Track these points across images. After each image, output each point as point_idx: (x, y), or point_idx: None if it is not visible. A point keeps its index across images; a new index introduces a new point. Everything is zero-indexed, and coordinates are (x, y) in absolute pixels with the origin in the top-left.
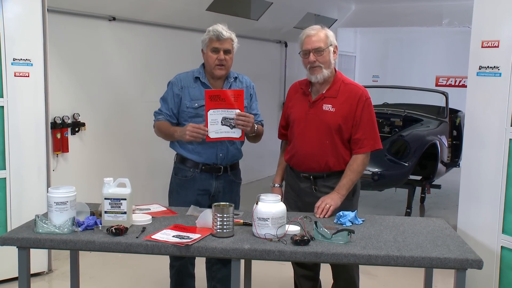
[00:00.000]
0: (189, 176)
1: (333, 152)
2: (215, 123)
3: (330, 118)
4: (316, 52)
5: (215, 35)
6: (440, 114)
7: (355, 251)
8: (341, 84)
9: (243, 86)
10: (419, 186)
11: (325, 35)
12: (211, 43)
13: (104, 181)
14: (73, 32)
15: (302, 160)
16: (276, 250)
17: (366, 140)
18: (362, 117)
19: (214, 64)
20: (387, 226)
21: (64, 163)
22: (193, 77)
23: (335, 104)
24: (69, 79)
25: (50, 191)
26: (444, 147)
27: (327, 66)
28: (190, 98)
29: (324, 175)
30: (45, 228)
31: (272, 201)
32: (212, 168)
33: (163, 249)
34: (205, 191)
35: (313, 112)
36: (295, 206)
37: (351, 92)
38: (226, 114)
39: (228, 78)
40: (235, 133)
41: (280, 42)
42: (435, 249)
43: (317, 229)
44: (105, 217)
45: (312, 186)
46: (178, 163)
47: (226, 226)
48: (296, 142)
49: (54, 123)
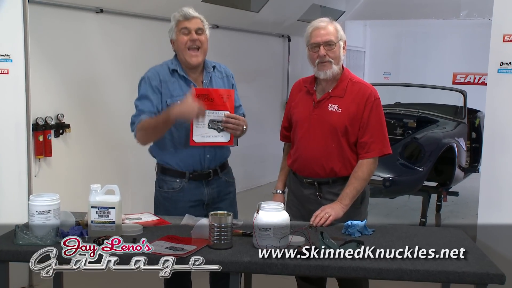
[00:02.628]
0: (177, 188)
1: (339, 156)
2: (201, 125)
3: (336, 119)
4: (326, 46)
5: (182, 16)
6: (457, 115)
7: (365, 264)
8: (348, 83)
9: (223, 75)
10: (435, 193)
11: (335, 28)
12: (179, 24)
13: (91, 188)
14: (57, 25)
15: (305, 165)
16: (278, 263)
17: (374, 144)
18: (370, 119)
19: (185, 48)
20: (400, 236)
21: (47, 168)
22: (170, 70)
23: (341, 104)
24: (53, 77)
25: (32, 199)
26: (462, 150)
27: (337, 62)
28: (171, 94)
29: (330, 180)
30: (26, 240)
31: (274, 209)
32: (201, 174)
33: (155, 262)
34: (198, 201)
35: (317, 112)
36: (299, 215)
37: (359, 91)
38: (213, 116)
39: (206, 68)
40: (223, 137)
41: (283, 36)
42: (452, 262)
43: (323, 240)
44: (92, 227)
45: (317, 193)
46: (161, 174)
47: (224, 237)
48: (299, 145)
49: (36, 124)
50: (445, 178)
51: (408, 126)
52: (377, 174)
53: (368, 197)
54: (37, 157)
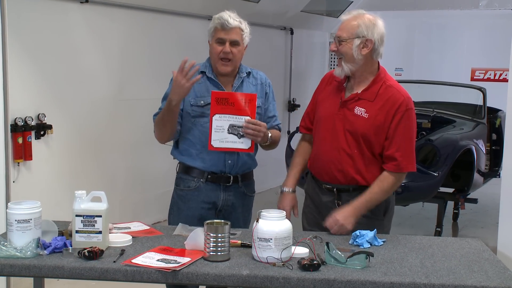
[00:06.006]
0: (193, 186)
1: (362, 163)
2: (220, 130)
3: (361, 125)
4: (337, 41)
5: (219, 24)
6: (476, 114)
7: (375, 278)
8: (381, 86)
9: (258, 83)
10: (452, 200)
11: (356, 24)
12: (216, 33)
13: (75, 195)
14: (38, 17)
15: (325, 169)
16: (280, 277)
17: (400, 159)
18: (397, 131)
19: (217, 58)
20: (413, 248)
21: (26, 173)
22: (198, 72)
23: (369, 110)
24: (33, 73)
25: (10, 206)
26: (481, 153)
27: (347, 60)
28: (194, 95)
29: (350, 188)
30: (3, 252)
31: (275, 218)
32: (220, 177)
33: (145, 276)
34: (211, 204)
35: (342, 113)
36: (314, 223)
37: (391, 97)
38: (234, 121)
39: (239, 73)
40: (243, 143)
41: (285, 29)
42: (470, 275)
43: (329, 252)
44: (76, 237)
45: (335, 201)
46: (181, 173)
47: (221, 248)
48: (319, 146)
49: (14, 125)
50: (463, 183)
51: (422, 126)
52: None
53: (393, 208)
54: (16, 161)
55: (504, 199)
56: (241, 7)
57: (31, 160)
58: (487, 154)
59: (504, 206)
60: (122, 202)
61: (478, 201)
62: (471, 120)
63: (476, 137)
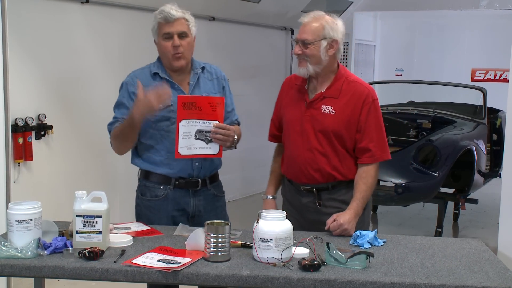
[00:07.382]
0: (161, 195)
1: (337, 160)
2: (187, 136)
3: (330, 122)
4: (302, 44)
5: (162, 18)
6: (476, 115)
7: (375, 278)
8: (344, 82)
9: (213, 77)
10: (452, 200)
11: (321, 26)
12: (160, 28)
13: (76, 195)
14: (38, 17)
15: (301, 171)
16: (280, 277)
17: (375, 149)
18: (367, 123)
19: (170, 54)
20: (413, 248)
21: (27, 173)
22: (151, 74)
23: (336, 106)
24: (34, 73)
25: (11, 207)
26: (481, 153)
27: (314, 61)
28: None
29: (329, 186)
30: (4, 252)
31: (275, 218)
32: (188, 182)
33: (146, 276)
34: (181, 211)
35: (310, 114)
36: (297, 225)
37: (355, 91)
38: (201, 126)
39: (194, 69)
40: (211, 148)
41: (285, 29)
42: (471, 276)
43: (330, 252)
44: (76, 237)
45: (316, 201)
46: (144, 181)
47: (221, 249)
48: (291, 150)
49: (15, 125)
50: (463, 184)
51: (423, 127)
52: (388, 180)
53: (371, 204)
54: (17, 161)
55: (504, 200)
56: (241, 8)
57: (32, 160)
58: (488, 154)
59: (504, 207)
60: (122, 203)
61: (478, 201)
62: (471, 121)
63: (477, 137)
